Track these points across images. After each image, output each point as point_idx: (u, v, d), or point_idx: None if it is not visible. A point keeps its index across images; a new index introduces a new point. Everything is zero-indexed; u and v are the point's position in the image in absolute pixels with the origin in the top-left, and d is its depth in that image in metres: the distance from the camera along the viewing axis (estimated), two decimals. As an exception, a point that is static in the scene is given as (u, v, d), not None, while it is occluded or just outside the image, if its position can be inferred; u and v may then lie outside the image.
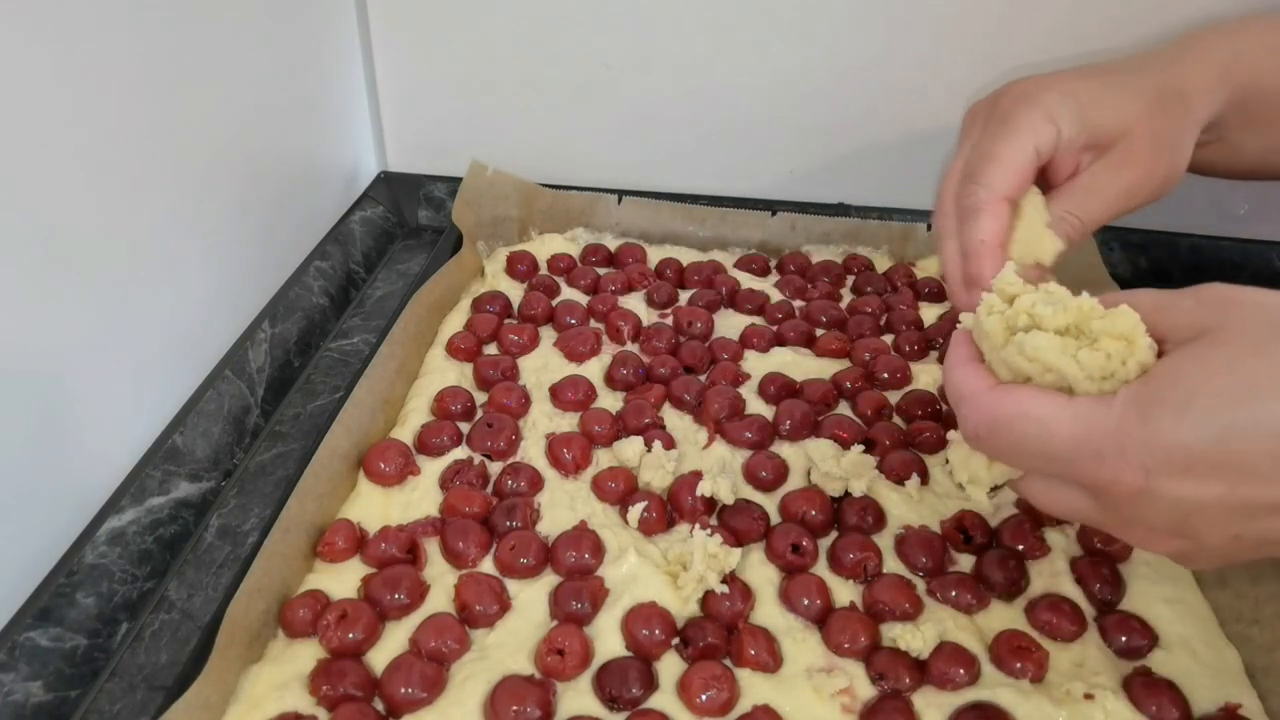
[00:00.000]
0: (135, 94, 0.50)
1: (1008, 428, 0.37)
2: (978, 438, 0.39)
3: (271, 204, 0.67)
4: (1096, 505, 0.37)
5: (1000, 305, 0.40)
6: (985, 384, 0.39)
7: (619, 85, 0.76)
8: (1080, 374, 0.36)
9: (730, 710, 0.43)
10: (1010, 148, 0.47)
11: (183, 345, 0.58)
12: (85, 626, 0.46)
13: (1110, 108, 0.48)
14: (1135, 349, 0.36)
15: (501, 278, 0.72)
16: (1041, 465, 0.38)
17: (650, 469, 0.54)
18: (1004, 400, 0.37)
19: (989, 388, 0.38)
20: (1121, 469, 0.34)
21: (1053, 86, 0.48)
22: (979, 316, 0.40)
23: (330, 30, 0.74)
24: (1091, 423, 0.35)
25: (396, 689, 0.43)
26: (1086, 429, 0.35)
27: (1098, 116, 0.47)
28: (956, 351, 0.41)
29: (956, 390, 0.40)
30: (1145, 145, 0.48)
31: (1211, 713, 0.44)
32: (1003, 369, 0.39)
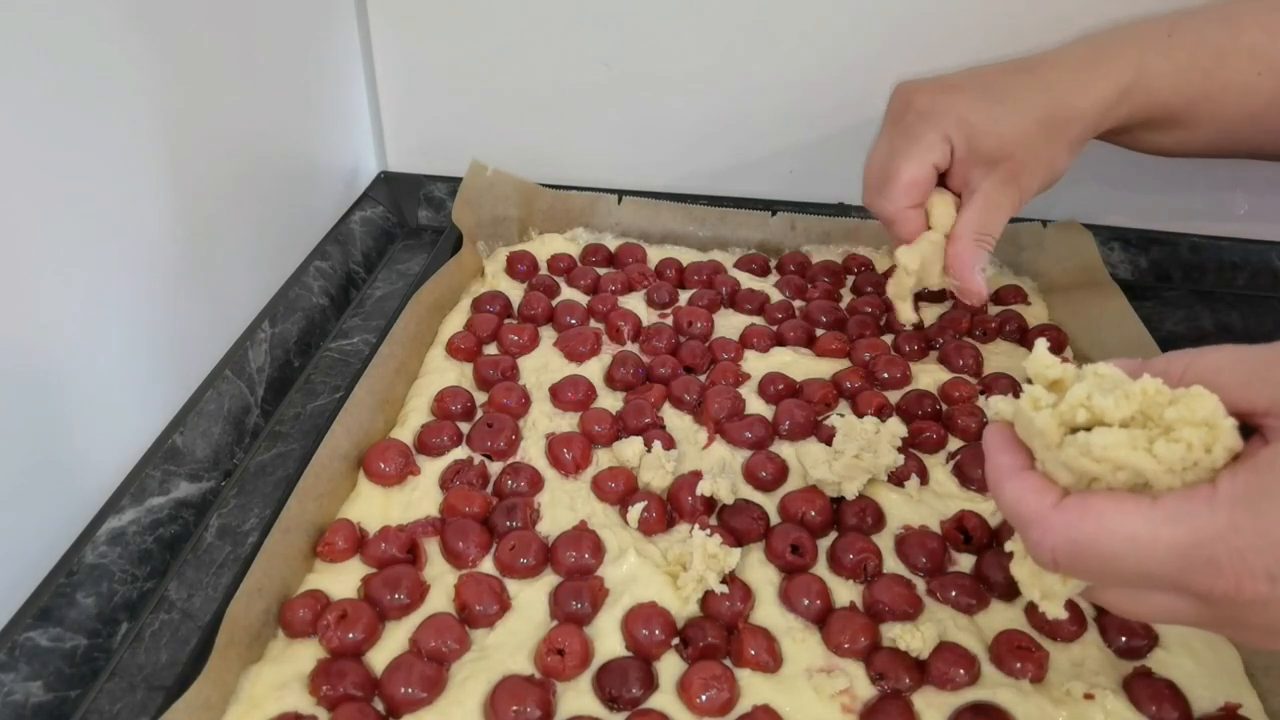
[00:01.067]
0: (135, 94, 0.51)
1: (1093, 550, 0.32)
2: (1056, 564, 0.34)
3: (271, 204, 0.67)
4: (1202, 610, 0.33)
5: (1047, 397, 0.35)
6: (1050, 499, 0.34)
7: (619, 85, 0.76)
8: (1160, 469, 0.32)
9: (730, 710, 0.43)
10: (914, 167, 0.54)
11: (183, 345, 0.58)
12: (85, 626, 0.46)
13: (996, 135, 0.54)
14: (1219, 432, 0.32)
15: (501, 278, 0.72)
16: (1138, 582, 0.33)
17: (650, 469, 0.54)
18: (1083, 520, 0.32)
19: (1055, 504, 0.33)
20: (1243, 576, 0.30)
21: (949, 110, 0.54)
22: (1024, 411, 0.35)
23: (330, 30, 0.74)
24: (1195, 527, 0.30)
25: (396, 689, 0.43)
26: (1191, 536, 0.30)
27: (984, 143, 0.54)
28: (1000, 458, 0.36)
29: (1015, 510, 0.35)
30: (1025, 165, 0.54)
31: (1211, 713, 0.44)
32: (1062, 471, 0.34)
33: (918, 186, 0.55)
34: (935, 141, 0.54)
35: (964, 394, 0.61)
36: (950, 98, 0.55)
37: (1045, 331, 0.67)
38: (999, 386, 0.62)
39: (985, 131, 0.53)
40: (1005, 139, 0.54)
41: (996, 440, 0.37)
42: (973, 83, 0.56)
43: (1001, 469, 0.36)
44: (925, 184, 0.55)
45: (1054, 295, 0.72)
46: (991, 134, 0.53)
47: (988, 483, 0.37)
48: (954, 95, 0.55)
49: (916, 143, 0.54)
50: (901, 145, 0.55)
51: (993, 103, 0.54)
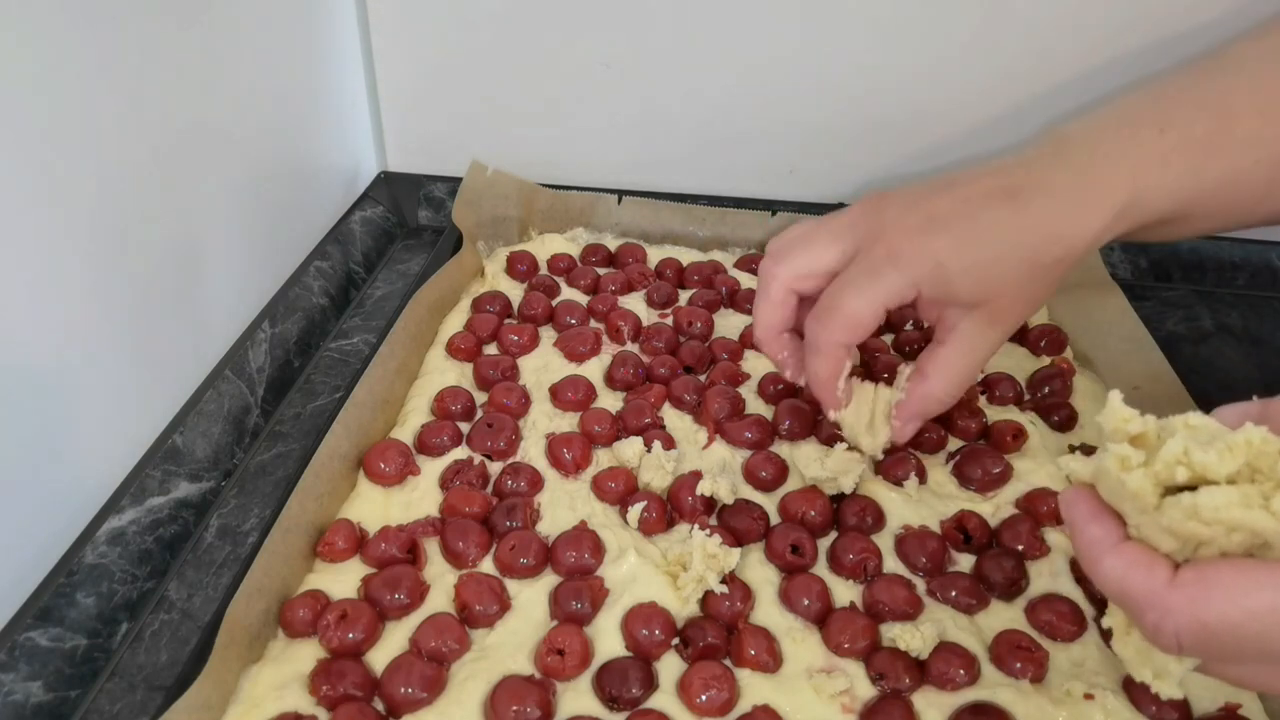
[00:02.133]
0: (135, 94, 0.51)
1: (1227, 631, 0.29)
2: (1182, 648, 0.31)
3: (271, 204, 0.67)
4: None
5: (1136, 455, 0.32)
6: (1162, 576, 0.31)
7: (619, 85, 0.76)
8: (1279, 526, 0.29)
9: (730, 710, 0.43)
10: (862, 303, 0.48)
11: (183, 345, 0.58)
12: (85, 626, 0.46)
13: (975, 282, 0.48)
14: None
15: (501, 278, 0.72)
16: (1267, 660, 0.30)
17: (650, 469, 0.54)
18: (1209, 598, 0.29)
19: (1169, 582, 0.30)
20: None
21: (923, 255, 0.47)
22: (1110, 472, 0.32)
23: (330, 31, 0.74)
24: None
25: (396, 689, 0.43)
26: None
27: (961, 290, 0.48)
28: (1092, 529, 0.33)
29: (1121, 590, 0.32)
30: (1009, 308, 0.49)
31: (1211, 713, 0.44)
32: (1163, 537, 0.31)
33: (861, 326, 0.49)
34: (898, 284, 0.48)
35: (964, 395, 0.61)
36: (927, 241, 0.48)
37: (1045, 332, 0.67)
38: (999, 386, 0.62)
39: (964, 278, 0.47)
40: (986, 284, 0.48)
41: (1084, 509, 0.34)
42: (953, 216, 0.48)
43: (1098, 543, 0.33)
44: (867, 324, 0.49)
45: (1054, 295, 0.72)
46: (971, 280, 0.48)
47: (1081, 558, 0.34)
48: (932, 237, 0.48)
49: (874, 281, 0.48)
50: (856, 276, 0.49)
51: (975, 248, 0.48)
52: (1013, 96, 0.73)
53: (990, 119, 0.74)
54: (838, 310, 0.49)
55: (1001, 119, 0.74)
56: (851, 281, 0.49)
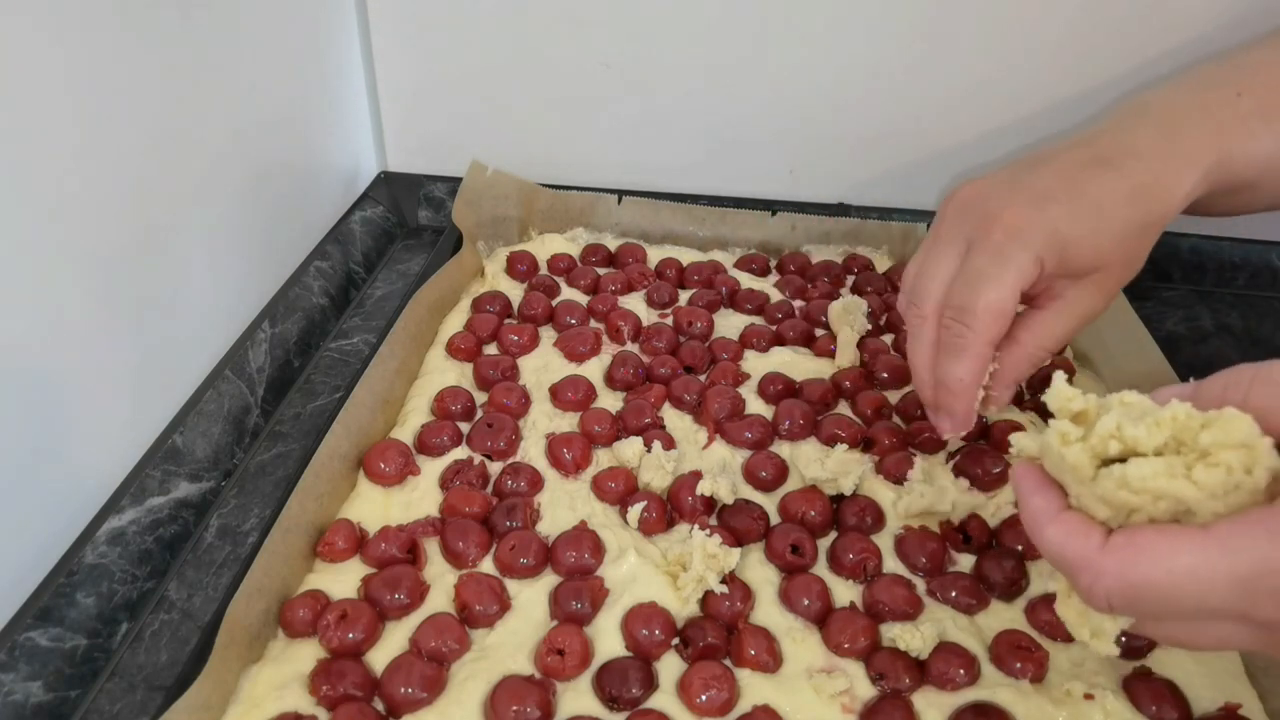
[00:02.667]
0: (135, 95, 0.50)
1: (1151, 590, 0.31)
2: (1111, 607, 0.33)
3: (271, 204, 0.67)
4: (1263, 635, 0.32)
5: (1075, 431, 0.34)
6: (1095, 541, 0.33)
7: (619, 85, 0.76)
8: (1202, 495, 0.31)
9: (730, 710, 0.43)
10: (1000, 292, 0.47)
11: (183, 345, 0.58)
12: (85, 626, 0.46)
13: (1091, 249, 0.48)
14: (1257, 453, 0.31)
15: (501, 278, 0.72)
16: (1198, 615, 0.32)
17: (650, 469, 0.54)
18: (1136, 560, 0.31)
19: (1101, 546, 0.32)
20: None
21: (1042, 226, 0.47)
22: (1052, 447, 0.34)
23: (330, 30, 0.74)
24: (1255, 557, 0.29)
25: (396, 689, 0.43)
26: (1251, 566, 0.29)
27: (1079, 258, 0.48)
28: (1035, 500, 0.35)
29: (1060, 555, 0.34)
30: (1118, 270, 0.49)
31: (1211, 713, 0.44)
32: (1099, 506, 0.34)
33: (1005, 316, 0.47)
34: (1027, 264, 0.46)
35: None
36: (1044, 212, 0.47)
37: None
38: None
39: (1081, 248, 0.47)
40: (1101, 253, 0.48)
41: (1029, 482, 0.36)
42: (1060, 187, 0.48)
43: (1040, 513, 0.35)
44: (1011, 313, 0.47)
45: None
46: (1088, 249, 0.47)
47: (1026, 527, 0.36)
48: (1047, 208, 0.47)
49: (1007, 264, 0.46)
50: (986, 266, 0.47)
51: (1089, 214, 0.48)
52: (1012, 97, 0.73)
53: (990, 119, 0.74)
54: (978, 306, 0.47)
55: (1001, 118, 0.74)
56: (981, 273, 0.47)
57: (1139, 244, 0.49)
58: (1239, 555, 0.30)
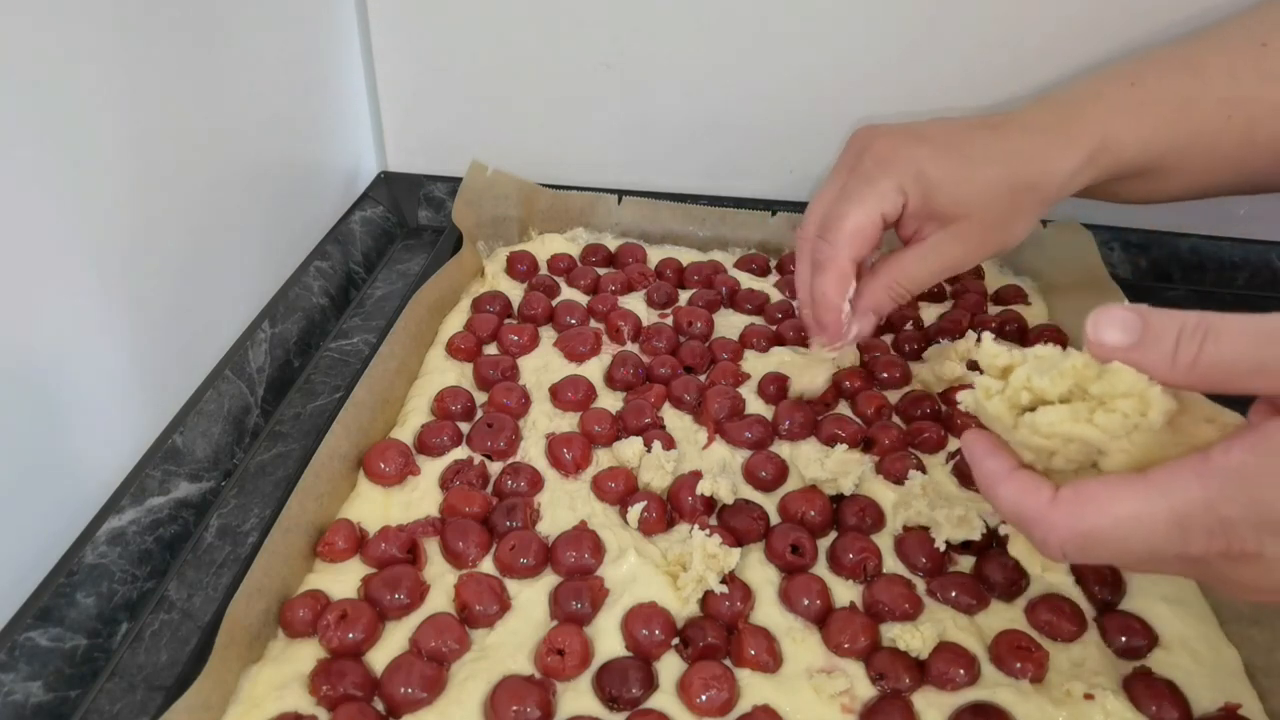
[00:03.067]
0: (135, 95, 0.50)
1: (1100, 540, 0.33)
2: (1066, 556, 0.35)
3: (271, 204, 0.67)
4: (1200, 568, 0.34)
5: (995, 385, 0.37)
6: (1045, 496, 0.35)
7: (619, 85, 0.76)
8: (1105, 437, 0.34)
9: (730, 710, 0.43)
10: (861, 213, 0.51)
11: (183, 345, 0.58)
12: (85, 626, 0.46)
13: (953, 194, 0.51)
14: (1150, 398, 0.33)
15: (501, 278, 0.72)
16: (1147, 555, 0.34)
17: (650, 469, 0.54)
18: (1083, 512, 0.33)
19: (1051, 500, 0.34)
20: (1233, 540, 0.32)
21: (908, 160, 0.51)
22: (979, 402, 0.37)
23: (330, 30, 0.74)
24: (1188, 498, 0.32)
25: (396, 689, 0.43)
26: (1185, 506, 0.32)
27: (941, 199, 0.51)
28: (987, 463, 0.37)
29: (1015, 512, 0.36)
30: (980, 227, 0.53)
31: (1211, 713, 0.44)
32: (1024, 452, 0.37)
33: (862, 234, 0.52)
34: (889, 190, 0.51)
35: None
36: (911, 148, 0.52)
37: (1045, 332, 0.67)
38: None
39: (944, 188, 0.51)
40: (964, 197, 0.51)
41: (979, 446, 0.38)
42: (937, 135, 0.53)
43: (992, 474, 0.37)
44: (871, 233, 0.52)
45: (1054, 295, 0.72)
46: (950, 191, 0.51)
47: (980, 489, 0.38)
48: (916, 146, 0.52)
49: (870, 187, 0.51)
50: (853, 188, 0.52)
51: (956, 160, 0.52)
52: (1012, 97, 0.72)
53: (990, 119, 0.74)
54: (840, 222, 0.51)
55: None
56: (849, 194, 0.52)
57: (1007, 205, 0.52)
58: (1173, 497, 0.32)
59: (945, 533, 0.50)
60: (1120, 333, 0.34)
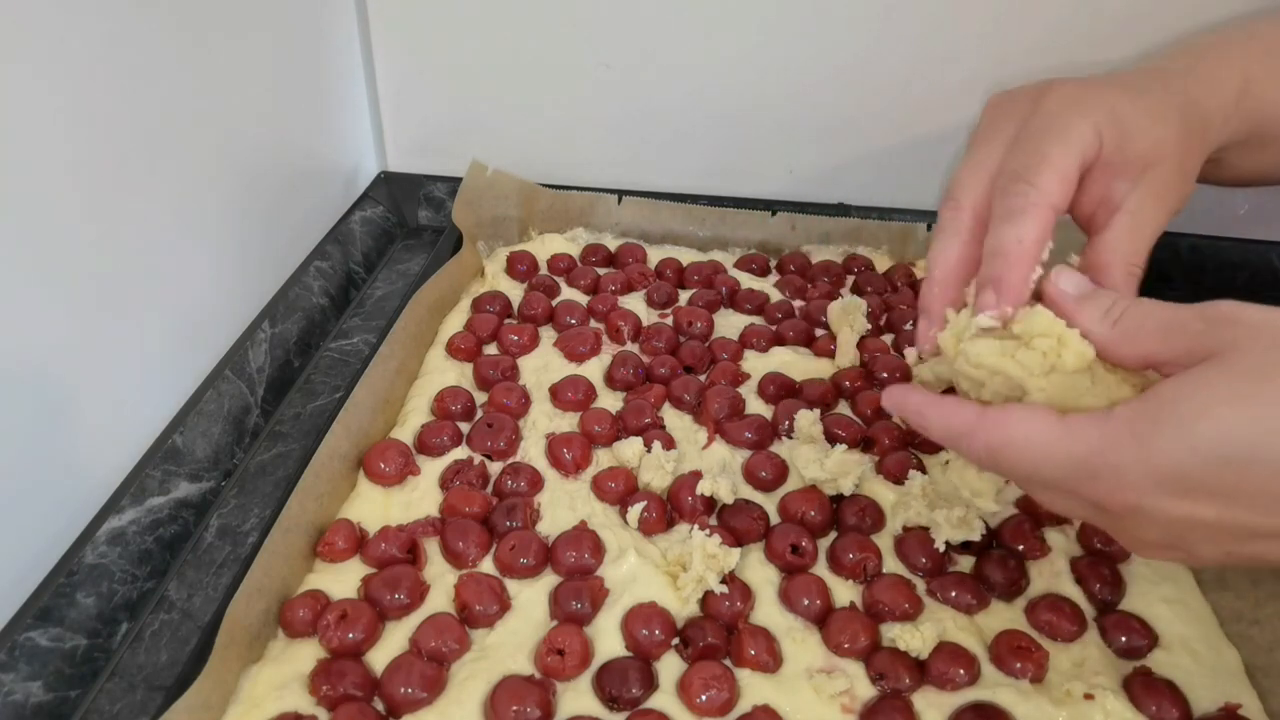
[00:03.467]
0: (135, 95, 0.50)
1: (1007, 453, 0.37)
2: (982, 463, 0.39)
3: (271, 204, 0.67)
4: (1094, 513, 0.38)
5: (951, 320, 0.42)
6: (971, 412, 0.39)
7: (619, 85, 0.76)
8: (1024, 373, 0.38)
9: (730, 710, 0.43)
10: (1064, 151, 0.43)
11: (183, 345, 0.58)
12: (85, 626, 0.46)
13: (1149, 134, 0.44)
14: (1068, 340, 0.38)
15: (501, 278, 0.72)
16: (1042, 484, 0.38)
17: (650, 469, 0.54)
18: (999, 426, 0.37)
19: (978, 414, 0.38)
20: (1115, 488, 0.35)
21: (1099, 99, 0.44)
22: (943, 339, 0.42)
23: (330, 30, 0.74)
24: (1086, 443, 0.35)
25: (396, 689, 0.43)
26: (1084, 449, 0.35)
27: (1137, 141, 0.44)
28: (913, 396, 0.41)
29: (946, 427, 0.40)
30: (1175, 174, 0.46)
31: (1211, 713, 0.44)
32: (963, 382, 0.41)
33: (1068, 179, 0.43)
34: (1086, 130, 0.43)
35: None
36: (1101, 89, 0.45)
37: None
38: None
39: (1140, 129, 0.44)
40: (1159, 140, 0.45)
41: (897, 390, 0.42)
42: (1114, 80, 0.47)
43: (919, 404, 0.41)
44: (1074, 181, 0.43)
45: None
46: (1146, 134, 0.44)
47: (912, 423, 0.42)
48: (1105, 88, 0.45)
49: (1068, 128, 0.43)
50: (1041, 131, 0.44)
51: (1142, 98, 0.45)
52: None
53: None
54: (1043, 164, 0.42)
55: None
56: (1043, 132, 0.44)
57: (1189, 145, 0.46)
58: (1075, 439, 0.35)
59: (945, 533, 0.50)
60: (1072, 286, 0.39)
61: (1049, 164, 0.42)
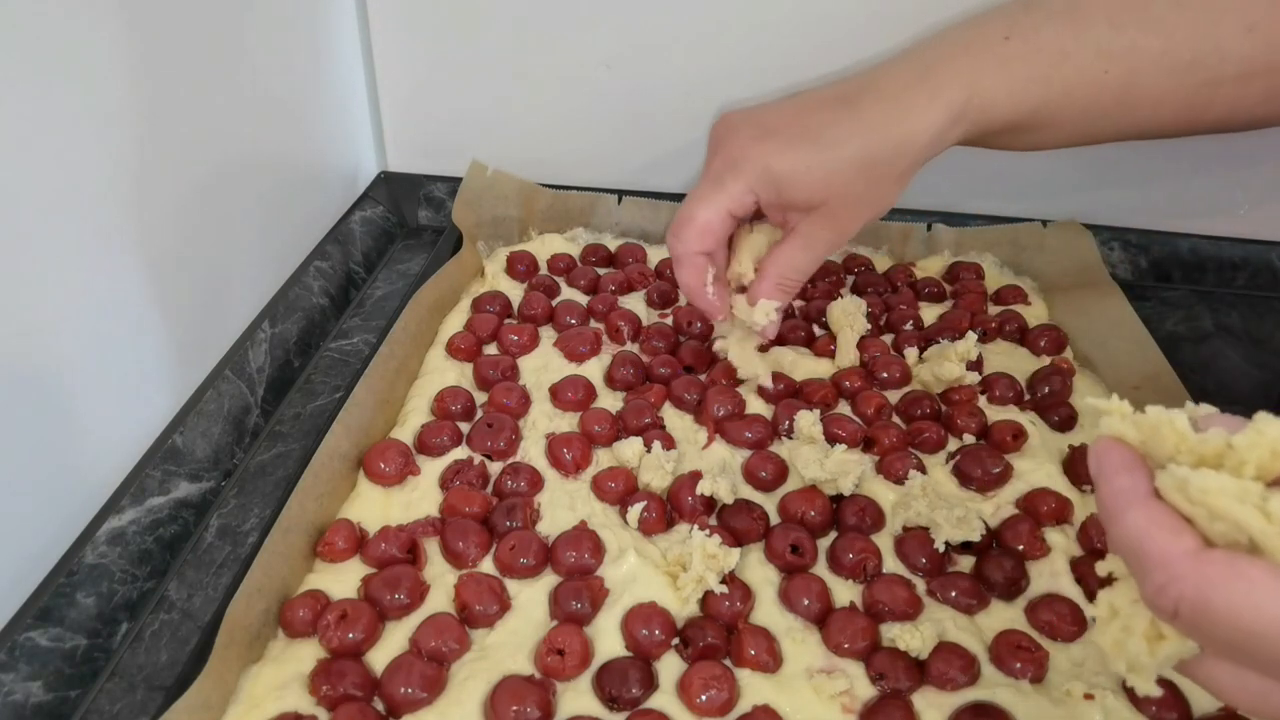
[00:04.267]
0: (135, 95, 0.50)
1: (1230, 618, 0.27)
2: (1177, 616, 0.28)
3: (271, 204, 0.67)
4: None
5: None
6: (1188, 544, 0.28)
7: (619, 85, 0.76)
8: (1271, 529, 0.27)
9: (730, 710, 0.43)
10: (708, 212, 0.53)
11: (183, 345, 0.58)
12: (85, 626, 0.46)
13: (804, 185, 0.51)
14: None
15: (501, 278, 0.72)
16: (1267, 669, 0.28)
17: (650, 469, 0.54)
18: (1229, 581, 0.27)
19: (1193, 552, 0.28)
20: None
21: (758, 159, 0.51)
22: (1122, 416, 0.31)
23: (330, 30, 0.74)
24: None
25: (396, 689, 0.43)
26: None
27: (793, 192, 0.52)
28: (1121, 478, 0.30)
29: (1139, 545, 0.29)
30: (841, 208, 0.52)
31: (1211, 713, 0.44)
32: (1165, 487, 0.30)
33: (709, 230, 0.53)
34: (737, 192, 0.52)
35: (964, 395, 0.61)
36: (759, 147, 0.52)
37: (1045, 332, 0.67)
38: (999, 386, 0.62)
39: (793, 182, 0.51)
40: (816, 187, 0.51)
41: (1114, 457, 0.31)
42: (787, 124, 0.53)
43: (1124, 493, 0.30)
44: (717, 230, 0.54)
45: (1054, 295, 0.72)
46: (801, 183, 0.51)
47: (1102, 509, 0.31)
48: (763, 143, 0.52)
49: (718, 190, 0.53)
50: (704, 190, 0.54)
51: (805, 150, 0.51)
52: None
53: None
54: (689, 222, 0.54)
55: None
56: (698, 194, 0.54)
57: (868, 185, 0.51)
58: None
59: (945, 534, 0.50)
60: None
61: (695, 222, 0.53)
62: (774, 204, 0.53)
